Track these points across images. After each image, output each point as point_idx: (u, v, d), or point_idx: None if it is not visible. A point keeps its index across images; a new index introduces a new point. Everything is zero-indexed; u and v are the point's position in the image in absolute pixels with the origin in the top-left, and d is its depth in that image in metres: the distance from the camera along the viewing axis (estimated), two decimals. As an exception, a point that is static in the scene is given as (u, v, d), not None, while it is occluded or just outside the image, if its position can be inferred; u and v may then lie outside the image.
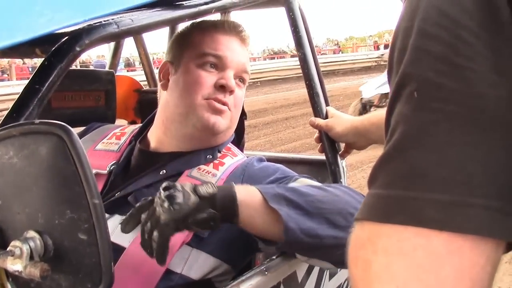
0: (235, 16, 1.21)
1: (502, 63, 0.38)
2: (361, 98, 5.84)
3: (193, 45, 1.08)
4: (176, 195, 0.80)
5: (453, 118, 0.38)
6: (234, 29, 1.11)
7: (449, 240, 0.37)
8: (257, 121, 8.90)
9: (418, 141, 0.40)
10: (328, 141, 1.29)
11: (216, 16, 1.16)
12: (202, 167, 1.05)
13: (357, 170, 4.54)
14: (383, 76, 5.46)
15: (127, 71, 16.31)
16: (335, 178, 1.28)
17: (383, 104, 5.58)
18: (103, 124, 1.28)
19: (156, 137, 1.11)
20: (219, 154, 1.09)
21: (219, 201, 0.82)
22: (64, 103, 1.38)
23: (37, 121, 0.61)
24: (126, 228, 0.85)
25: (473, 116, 0.38)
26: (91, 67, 15.26)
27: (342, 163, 1.32)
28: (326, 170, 1.32)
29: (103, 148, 1.15)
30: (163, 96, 1.12)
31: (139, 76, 1.87)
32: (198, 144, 1.08)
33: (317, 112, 1.31)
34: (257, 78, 15.85)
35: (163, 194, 0.80)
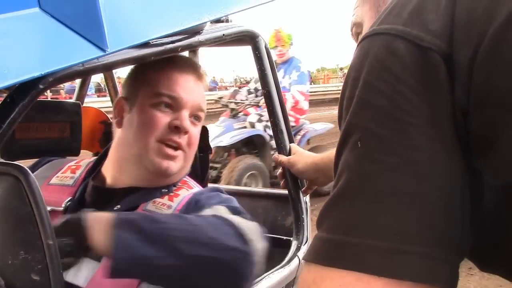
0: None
1: (438, 118, 0.41)
2: None
3: (148, 83, 1.06)
4: None
5: (394, 169, 0.41)
6: (190, 67, 1.10)
7: (387, 286, 0.39)
8: (229, 150, 8.86)
9: (361, 189, 0.42)
10: (291, 178, 1.31)
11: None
12: (158, 200, 1.04)
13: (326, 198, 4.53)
14: (217, 126, 4.64)
15: (98, 96, 16.07)
16: (297, 213, 1.30)
17: (221, 158, 4.70)
18: (55, 158, 1.24)
19: (111, 175, 1.10)
20: (174, 188, 1.09)
21: (63, 227, 0.82)
22: (28, 134, 1.36)
23: (-6, 161, 0.61)
24: None
25: (412, 167, 0.41)
26: (62, 92, 15.07)
27: (305, 198, 1.34)
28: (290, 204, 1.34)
29: (57, 182, 1.12)
30: (117, 134, 1.10)
31: (109, 102, 1.83)
32: (153, 183, 1.07)
33: (280, 148, 1.34)
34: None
35: None
